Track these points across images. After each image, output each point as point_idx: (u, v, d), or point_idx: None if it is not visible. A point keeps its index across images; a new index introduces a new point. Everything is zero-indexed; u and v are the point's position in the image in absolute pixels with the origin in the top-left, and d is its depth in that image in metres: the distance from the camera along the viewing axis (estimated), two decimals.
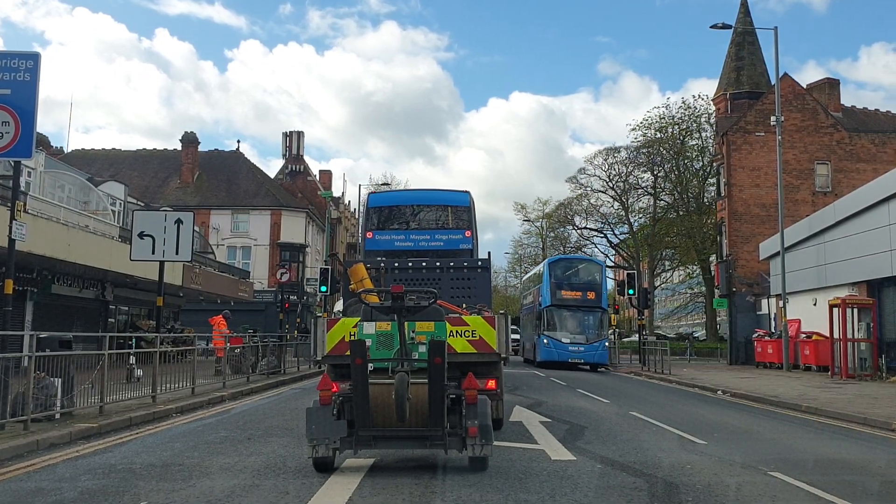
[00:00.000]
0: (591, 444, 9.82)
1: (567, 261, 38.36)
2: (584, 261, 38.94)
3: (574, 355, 31.56)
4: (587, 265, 35.78)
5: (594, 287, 33.07)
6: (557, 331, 32.30)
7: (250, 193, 52.91)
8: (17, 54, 10.60)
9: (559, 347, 31.75)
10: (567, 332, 32.20)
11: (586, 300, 32.63)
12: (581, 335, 32.16)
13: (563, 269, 34.28)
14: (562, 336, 32.05)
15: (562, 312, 32.64)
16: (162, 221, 16.06)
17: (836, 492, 7.10)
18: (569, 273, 34.17)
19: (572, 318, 32.63)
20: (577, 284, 33.24)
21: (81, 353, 11.65)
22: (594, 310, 32.81)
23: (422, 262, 13.10)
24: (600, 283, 33.52)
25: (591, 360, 31.76)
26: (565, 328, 32.39)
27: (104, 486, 7.00)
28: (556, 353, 31.69)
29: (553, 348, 31.84)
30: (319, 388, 7.49)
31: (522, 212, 68.40)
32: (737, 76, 41.69)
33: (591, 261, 38.49)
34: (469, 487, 6.92)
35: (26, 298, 22.24)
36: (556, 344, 31.85)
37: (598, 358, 31.85)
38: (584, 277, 33.91)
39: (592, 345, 31.94)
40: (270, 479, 7.38)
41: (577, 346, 31.69)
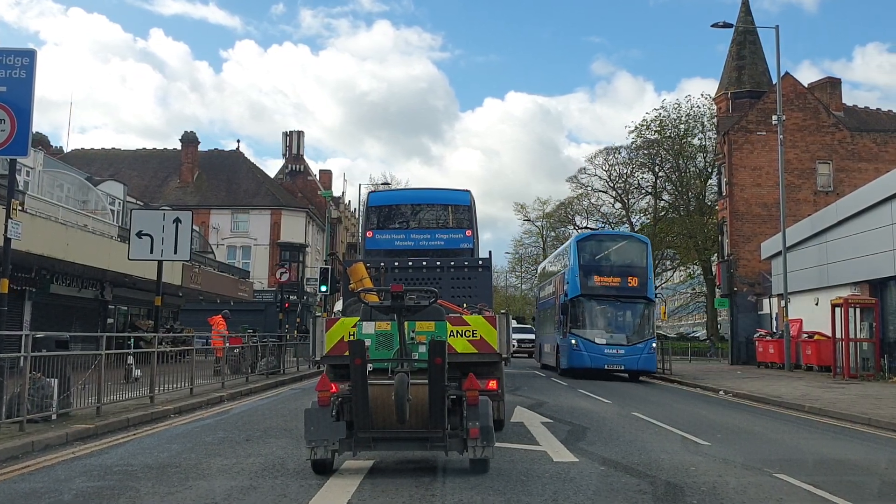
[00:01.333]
0: (593, 446, 9.72)
1: (601, 237, 29.90)
2: (623, 237, 31.14)
3: (612, 360, 24.56)
4: (628, 243, 27.63)
5: (637, 271, 25.39)
6: (589, 328, 25.14)
7: (250, 193, 52.83)
8: (13, 51, 10.52)
9: (592, 351, 24.60)
10: (602, 330, 25.19)
11: (627, 288, 25.08)
12: (620, 334, 25.08)
13: (596, 249, 26.55)
14: (595, 336, 24.88)
15: (595, 305, 25.40)
16: (160, 221, 15.96)
17: (841, 493, 7.02)
18: (604, 253, 26.51)
19: (609, 311, 25.60)
20: (614, 268, 25.74)
21: (78, 354, 11.55)
22: (637, 301, 25.13)
23: (422, 262, 13.01)
24: (645, 265, 25.58)
25: (634, 367, 24.80)
26: (600, 325, 25.36)
27: (100, 488, 6.91)
28: (588, 357, 24.61)
29: (584, 352, 24.66)
30: (318, 389, 7.40)
31: (522, 212, 68.36)
32: (738, 75, 41.59)
33: (633, 237, 30.36)
34: (470, 490, 6.82)
35: (25, 298, 22.15)
36: (589, 346, 24.66)
37: (642, 363, 24.68)
38: (623, 258, 26.34)
39: (635, 346, 24.57)
40: (269, 480, 7.28)
41: (615, 349, 24.54)
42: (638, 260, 25.90)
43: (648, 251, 26.40)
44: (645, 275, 25.41)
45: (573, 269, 25.51)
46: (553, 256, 34.87)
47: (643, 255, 25.93)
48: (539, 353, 33.94)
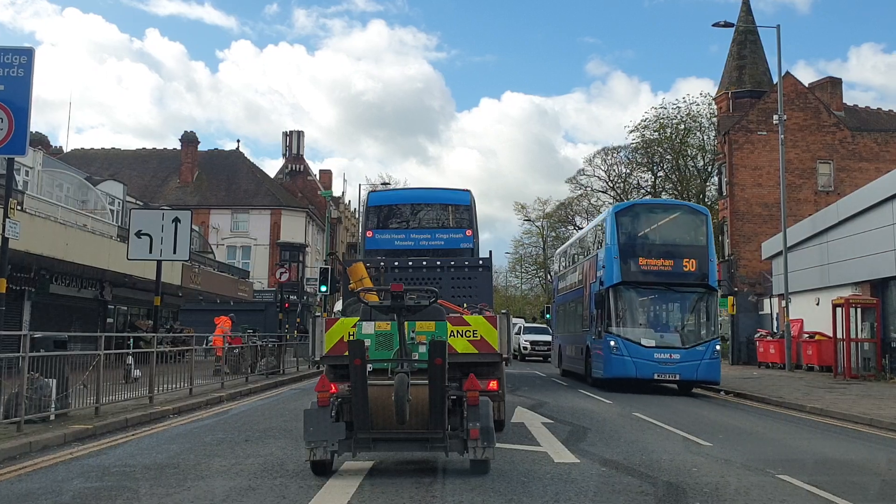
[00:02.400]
0: (594, 446, 9.67)
1: (647, 208, 23.02)
2: (675, 207, 24.38)
3: (663, 368, 18.97)
4: (681, 214, 21.47)
5: (694, 251, 19.75)
6: (633, 327, 19.67)
7: (250, 193, 52.79)
8: (11, 49, 10.49)
9: (638, 355, 18.98)
10: (650, 328, 19.83)
11: (681, 273, 19.50)
12: (673, 333, 19.74)
13: (641, 223, 20.74)
14: (642, 336, 19.32)
15: (640, 296, 19.97)
16: (159, 220, 15.91)
17: (845, 495, 6.98)
18: (651, 228, 20.77)
19: (658, 304, 20.30)
20: (665, 247, 20.09)
21: (77, 354, 11.50)
22: (695, 289, 19.55)
23: (422, 262, 12.99)
24: (705, 243, 19.78)
25: (692, 377, 19.03)
26: (647, 322, 20.04)
27: (98, 489, 6.86)
28: (632, 364, 18.98)
29: (628, 357, 19.03)
30: (317, 390, 7.35)
31: (523, 212, 68.31)
32: (738, 75, 41.55)
33: (688, 207, 23.45)
34: (470, 491, 6.77)
35: (24, 298, 22.11)
36: (634, 349, 19.04)
37: (703, 372, 18.93)
38: (676, 235, 20.64)
39: (693, 350, 19.02)
40: (268, 481, 7.23)
41: (667, 353, 19.06)
42: (695, 236, 20.15)
43: (708, 225, 20.04)
44: (705, 255, 19.56)
45: (611, 249, 19.81)
46: (579, 237, 28.07)
47: (702, 230, 19.99)
48: (559, 358, 28.03)
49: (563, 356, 27.11)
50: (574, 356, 24.42)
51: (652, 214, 21.43)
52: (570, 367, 25.31)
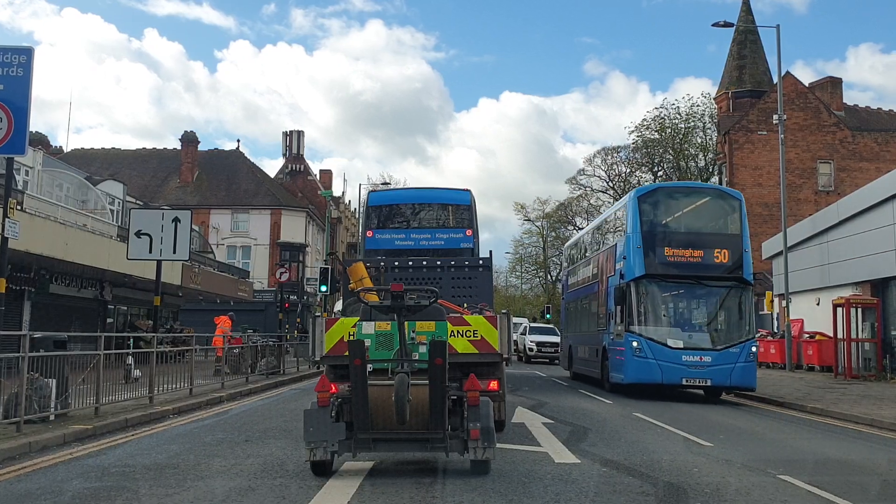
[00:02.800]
0: (595, 447, 9.65)
1: (674, 191, 20.26)
2: (704, 190, 21.57)
3: (693, 372, 16.79)
4: (712, 199, 19.28)
5: (727, 240, 17.77)
6: (658, 325, 17.56)
7: (250, 193, 52.78)
8: (10, 49, 10.48)
9: (665, 357, 16.90)
10: (678, 327, 17.71)
11: (713, 265, 17.50)
12: (703, 333, 17.62)
13: (668, 208, 18.52)
14: (668, 336, 17.27)
15: (666, 291, 17.96)
16: (159, 220, 15.89)
17: (845, 495, 6.98)
18: (678, 214, 18.61)
19: (687, 300, 18.32)
20: (694, 235, 18.01)
21: (77, 354, 11.49)
22: (727, 283, 17.51)
23: (422, 261, 12.98)
24: (739, 231, 17.80)
25: (725, 382, 17.03)
26: (674, 321, 17.95)
27: (98, 490, 6.84)
28: (657, 368, 16.89)
29: (653, 359, 16.95)
30: (317, 390, 7.33)
31: (522, 212, 68.31)
32: (739, 75, 41.56)
33: (720, 191, 21.49)
34: (471, 492, 6.75)
35: (24, 298, 22.09)
36: (659, 351, 16.96)
37: (737, 377, 16.89)
38: (707, 222, 18.70)
39: (726, 352, 16.97)
40: (268, 481, 7.22)
41: (697, 356, 16.89)
42: (727, 223, 18.22)
43: (742, 211, 18.05)
44: (738, 245, 17.62)
45: (632, 238, 17.77)
46: (593, 226, 25.36)
47: (735, 217, 18.03)
48: (569, 360, 25.91)
49: (574, 358, 25.01)
50: (588, 358, 22.34)
51: (678, 199, 18.98)
52: (583, 371, 23.07)
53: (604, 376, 19.82)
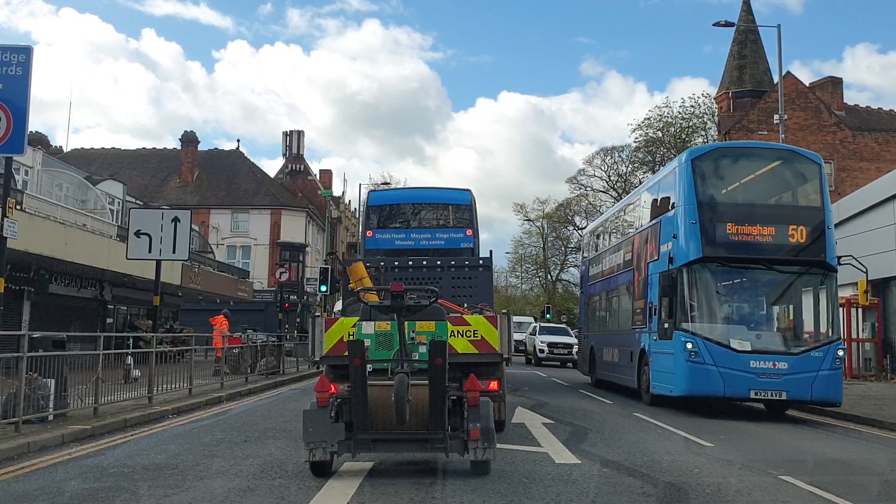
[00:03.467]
0: (595, 447, 9.63)
1: (738, 153, 16.42)
2: (775, 152, 16.44)
3: (764, 383, 13.39)
4: (785, 164, 15.35)
5: (805, 215, 14.43)
6: (717, 322, 14.21)
7: (250, 193, 52.77)
8: (9, 48, 10.46)
9: (728, 363, 13.48)
10: (743, 324, 14.34)
11: (788, 246, 14.08)
12: (776, 333, 14.55)
13: (731, 174, 15.26)
14: (732, 336, 13.86)
15: (728, 278, 14.55)
16: (159, 220, 15.86)
17: (846, 495, 6.97)
18: (744, 181, 15.32)
19: (755, 290, 14.66)
20: (764, 209, 14.69)
21: (76, 354, 11.46)
22: (806, 269, 14.19)
23: (422, 261, 12.95)
24: (820, 205, 14.41)
25: (804, 395, 13.59)
26: (738, 317, 14.60)
27: (96, 490, 6.82)
28: (718, 376, 13.44)
29: (712, 364, 13.50)
30: (317, 390, 7.31)
31: (522, 212, 68.27)
32: (739, 75, 41.55)
33: (793, 153, 15.93)
34: (471, 492, 6.72)
35: (23, 298, 22.07)
36: (721, 355, 13.53)
37: (820, 388, 13.51)
38: (779, 192, 15.55)
39: (807, 356, 13.65)
40: (267, 482, 7.19)
41: (769, 361, 13.49)
42: (805, 193, 14.93)
43: (822, 178, 14.59)
44: (820, 220, 14.16)
45: (686, 211, 14.26)
46: (626, 202, 21.28)
47: (815, 185, 14.62)
48: (591, 364, 22.22)
49: (597, 362, 21.31)
50: (617, 363, 18.79)
51: (743, 161, 15.59)
52: (610, 377, 19.59)
53: (641, 386, 16.15)
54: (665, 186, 16.17)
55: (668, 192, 15.75)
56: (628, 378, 17.62)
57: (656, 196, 16.86)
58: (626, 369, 17.84)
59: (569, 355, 32.55)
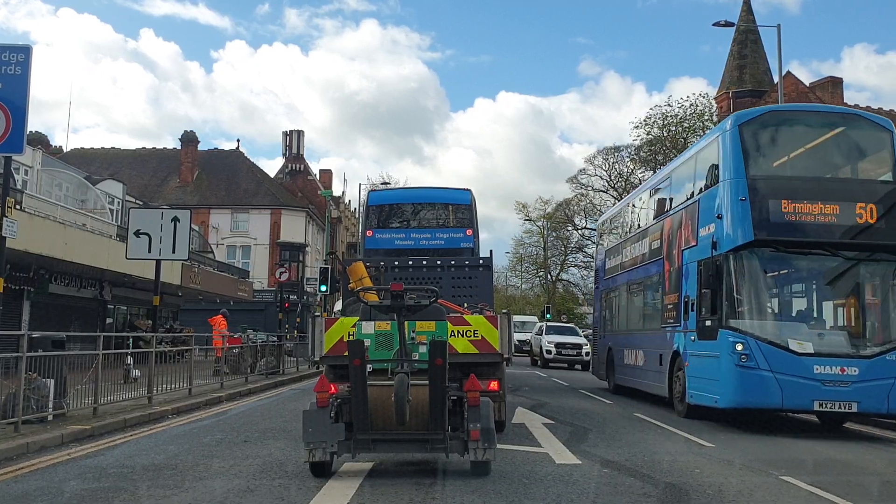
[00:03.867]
0: (596, 447, 9.61)
1: (793, 117, 14.20)
2: (838, 117, 14.11)
3: (830, 392, 11.34)
4: (850, 131, 13.30)
5: (876, 190, 12.44)
6: (769, 318, 12.24)
7: (250, 193, 52.75)
8: (8, 47, 10.44)
9: (787, 368, 11.40)
10: (802, 322, 12.36)
11: (855, 227, 12.03)
12: (840, 331, 12.42)
13: (787, 141, 13.33)
14: (791, 335, 11.78)
15: (784, 265, 12.67)
16: (158, 220, 15.83)
17: (847, 496, 6.95)
18: (802, 151, 13.28)
19: (817, 281, 12.69)
20: (827, 183, 12.81)
21: (75, 354, 11.45)
22: (879, 255, 12.15)
23: (422, 261, 12.92)
24: (893, 179, 12.42)
25: (879, 407, 11.58)
26: (796, 312, 12.74)
27: (95, 490, 6.80)
28: (775, 383, 11.37)
29: (768, 370, 11.43)
30: (316, 390, 7.29)
31: (524, 211, 68.23)
32: (739, 74, 41.50)
33: (859, 117, 13.91)
34: (471, 493, 6.70)
35: (23, 298, 22.05)
36: (779, 358, 11.47)
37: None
38: (843, 163, 13.42)
39: (881, 360, 11.54)
40: (267, 482, 7.18)
41: (835, 365, 11.39)
42: (875, 164, 13.03)
43: (895, 148, 12.45)
44: (893, 198, 12.13)
45: (733, 186, 12.12)
46: (653, 183, 18.27)
47: (886, 156, 12.59)
48: (608, 367, 19.93)
49: (616, 365, 19.13)
50: (643, 367, 16.65)
51: (800, 128, 13.34)
52: (633, 383, 17.49)
53: (674, 394, 14.09)
54: (704, 159, 13.88)
55: (708, 165, 13.55)
56: (656, 384, 15.38)
57: (692, 171, 14.56)
58: (653, 374, 15.67)
59: (578, 356, 31.36)
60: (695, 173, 14.41)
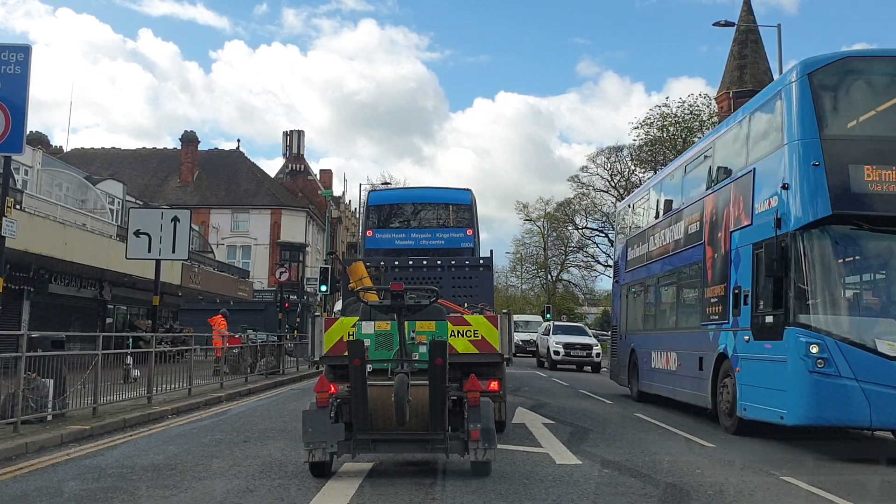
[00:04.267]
0: (596, 447, 9.59)
1: (872, 65, 10.80)
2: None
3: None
4: None
5: None
6: (851, 312, 9.74)
7: (250, 193, 52.75)
8: (7, 47, 10.42)
9: (877, 375, 9.07)
10: (892, 318, 9.67)
11: None
12: None
13: (866, 94, 10.72)
14: (879, 334, 9.34)
15: (870, 247, 10.01)
16: (158, 219, 15.82)
17: (850, 496, 6.92)
18: (887, 107, 10.41)
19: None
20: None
21: (74, 354, 11.43)
22: None
23: (422, 261, 12.90)
24: None
25: None
26: (882, 307, 9.92)
27: (95, 491, 6.79)
28: (860, 395, 9.07)
29: (852, 378, 9.10)
30: (316, 390, 7.28)
31: (524, 211, 68.21)
32: (740, 74, 41.47)
33: None
34: (471, 493, 6.69)
35: (23, 298, 22.04)
36: (866, 363, 9.12)
37: None
38: None
39: None
40: (267, 482, 7.16)
41: None
42: None
43: None
44: None
45: (803, 149, 10.00)
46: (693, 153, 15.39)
47: None
48: (631, 371, 17.47)
49: (640, 369, 16.67)
50: (675, 372, 14.29)
51: (882, 79, 10.76)
52: (664, 391, 15.04)
53: (720, 406, 11.76)
54: (760, 121, 11.62)
55: (765, 127, 11.39)
56: (694, 393, 13.09)
57: (743, 137, 12.20)
58: (689, 381, 13.31)
59: (588, 357, 29.69)
60: (747, 138, 12.02)
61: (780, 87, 11.02)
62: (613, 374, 19.85)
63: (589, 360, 29.73)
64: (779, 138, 10.59)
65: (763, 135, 11.43)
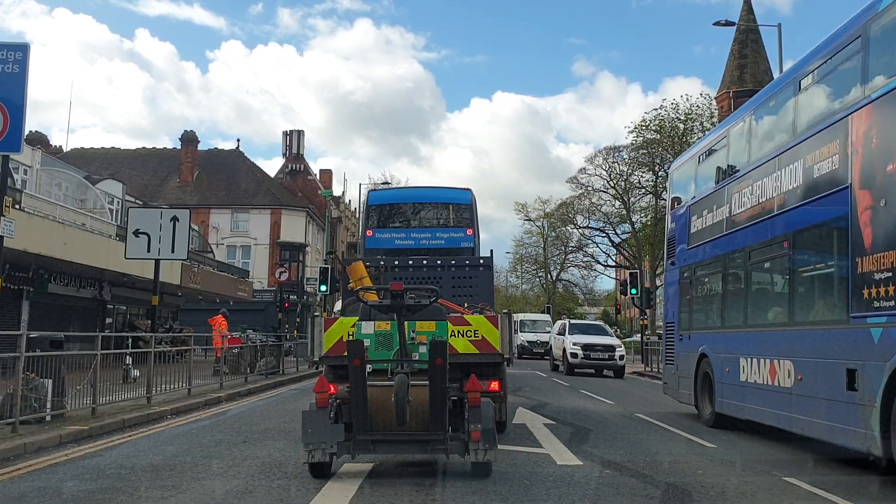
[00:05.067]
0: (597, 448, 9.56)
1: None
2: None
3: None
4: None
5: None
6: None
7: (250, 192, 52.70)
8: (6, 45, 10.39)
9: None
10: None
11: None
12: None
13: None
14: None
15: None
16: (157, 219, 15.79)
17: (851, 497, 6.89)
18: None
19: None
20: None
21: (73, 354, 11.40)
22: None
23: (422, 261, 12.85)
24: None
25: None
26: None
27: (93, 491, 6.77)
28: None
29: None
30: (316, 391, 7.25)
31: (524, 211, 68.14)
32: (740, 74, 41.46)
33: None
34: (472, 494, 6.66)
35: (22, 298, 22.00)
36: None
37: None
38: None
39: None
40: (266, 483, 7.14)
41: None
42: None
43: None
44: None
45: None
46: (822, 53, 9.53)
47: None
48: (702, 386, 12.81)
49: (717, 383, 12.03)
50: (795, 391, 9.51)
51: None
52: (767, 417, 10.41)
53: (894, 442, 7.23)
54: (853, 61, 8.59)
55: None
56: (834, 425, 8.55)
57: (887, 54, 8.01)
58: (826, 407, 8.73)
59: (610, 360, 26.05)
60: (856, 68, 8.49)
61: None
62: (667, 387, 15.24)
63: (612, 363, 26.10)
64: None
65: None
